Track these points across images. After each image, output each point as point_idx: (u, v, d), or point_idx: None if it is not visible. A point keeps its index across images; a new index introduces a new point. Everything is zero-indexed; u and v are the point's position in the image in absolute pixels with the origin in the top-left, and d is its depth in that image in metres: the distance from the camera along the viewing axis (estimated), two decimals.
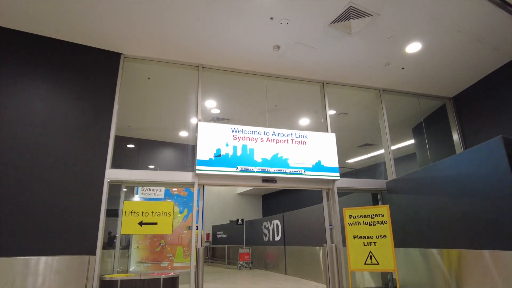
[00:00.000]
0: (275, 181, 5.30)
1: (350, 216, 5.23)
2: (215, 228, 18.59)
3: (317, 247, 8.71)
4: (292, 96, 6.99)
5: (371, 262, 4.88)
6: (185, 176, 4.99)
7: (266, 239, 12.56)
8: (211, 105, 7.10)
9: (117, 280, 3.61)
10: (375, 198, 6.19)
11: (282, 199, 19.34)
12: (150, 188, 9.47)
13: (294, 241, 10.36)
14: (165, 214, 4.73)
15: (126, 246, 8.92)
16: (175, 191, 9.92)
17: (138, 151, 10.22)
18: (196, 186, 4.97)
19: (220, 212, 19.58)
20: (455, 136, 7.19)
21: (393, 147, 11.45)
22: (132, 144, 9.70)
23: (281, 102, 7.22)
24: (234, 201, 20.57)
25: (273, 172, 5.21)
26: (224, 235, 17.21)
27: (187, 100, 6.58)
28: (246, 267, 13.05)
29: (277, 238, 11.63)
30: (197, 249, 4.77)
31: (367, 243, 4.98)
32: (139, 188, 9.32)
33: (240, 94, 6.82)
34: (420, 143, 8.86)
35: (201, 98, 5.66)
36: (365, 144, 10.65)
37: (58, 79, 4.81)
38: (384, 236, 4.88)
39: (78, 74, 4.95)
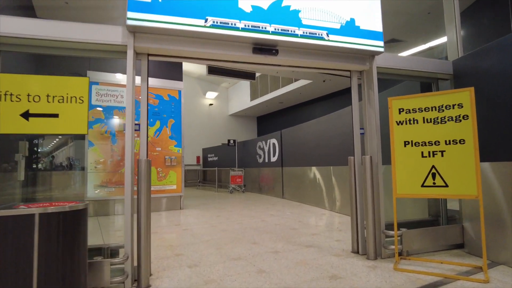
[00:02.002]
0: (276, 51, 3.05)
1: (401, 110, 3.13)
2: (206, 151, 17.00)
3: (315, 168, 6.91)
4: None
5: (434, 183, 2.94)
6: (110, 33, 2.69)
7: (260, 160, 10.90)
8: None
9: None
10: (426, 91, 4.05)
11: (280, 120, 17.36)
12: (108, 93, 7.21)
13: (294, 162, 8.61)
14: (74, 99, 2.58)
15: (70, 166, 7.05)
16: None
17: None
18: (131, 54, 2.71)
19: (211, 134, 17.79)
20: None
21: (420, 47, 8.97)
22: None
23: None
24: (226, 122, 18.64)
25: (273, 33, 2.92)
26: (215, 158, 15.68)
27: None
28: (238, 190, 11.69)
29: (274, 159, 9.92)
30: (137, 162, 2.73)
31: (429, 152, 2.98)
32: (93, 92, 7.05)
33: None
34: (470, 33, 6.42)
35: None
36: (392, 40, 8.14)
37: None
38: (462, 141, 2.85)
39: None
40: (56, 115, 2.53)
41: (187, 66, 14.98)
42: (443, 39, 7.59)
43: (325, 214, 6.16)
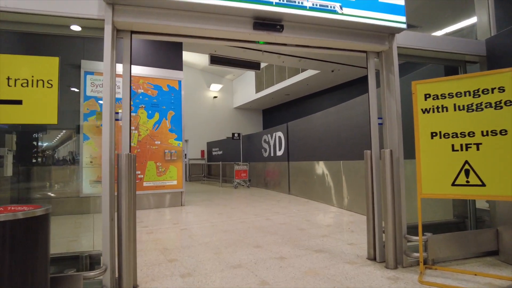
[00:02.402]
0: (281, 27, 2.61)
1: (427, 96, 2.67)
2: (210, 145, 16.65)
3: (323, 162, 6.45)
4: None
5: (467, 181, 2.50)
6: (83, 5, 2.28)
7: (266, 154, 10.48)
8: None
9: None
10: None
11: (286, 113, 16.87)
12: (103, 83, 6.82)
13: (301, 156, 8.17)
14: (41, 83, 2.18)
15: (70, 161, 6.74)
16: (139, 90, 7.32)
17: None
18: (109, 30, 2.31)
19: (215, 127, 17.39)
20: None
21: (437, 33, 8.36)
22: None
23: None
24: (230, 115, 18.21)
25: (277, 4, 2.48)
26: (220, 152, 15.32)
27: None
28: (243, 185, 11.32)
29: (279, 153, 9.49)
30: (117, 157, 2.34)
31: (462, 145, 2.53)
32: (88, 83, 6.68)
33: None
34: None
35: None
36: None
37: None
38: (503, 132, 2.39)
39: None
40: (19, 102, 2.14)
41: (190, 57, 14.56)
42: (463, 23, 7.00)
43: (333, 212, 5.74)
